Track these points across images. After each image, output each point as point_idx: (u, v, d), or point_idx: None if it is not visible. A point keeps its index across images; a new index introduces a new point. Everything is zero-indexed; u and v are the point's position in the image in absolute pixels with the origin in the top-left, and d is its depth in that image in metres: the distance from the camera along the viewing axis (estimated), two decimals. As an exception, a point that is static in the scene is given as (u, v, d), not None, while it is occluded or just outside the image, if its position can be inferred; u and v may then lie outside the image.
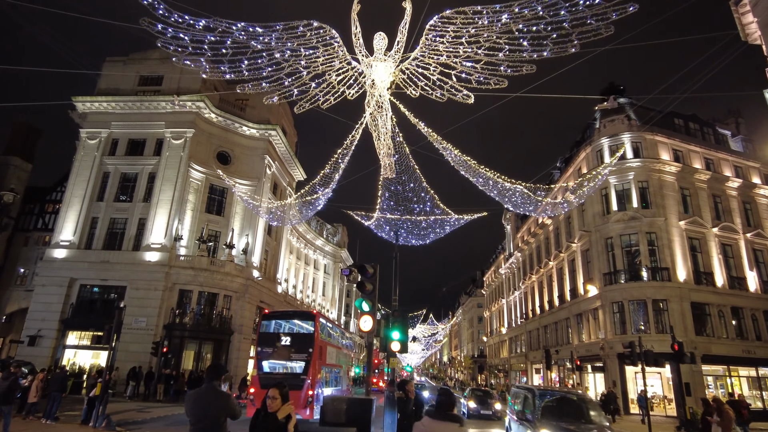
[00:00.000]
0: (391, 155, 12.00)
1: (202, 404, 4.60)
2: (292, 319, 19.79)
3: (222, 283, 32.83)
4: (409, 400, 7.96)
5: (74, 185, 33.95)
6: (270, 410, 4.12)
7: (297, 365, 16.73)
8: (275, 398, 4.14)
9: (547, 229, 44.31)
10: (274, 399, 4.14)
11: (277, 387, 4.27)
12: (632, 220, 31.17)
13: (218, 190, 36.00)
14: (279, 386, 4.28)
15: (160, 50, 37.96)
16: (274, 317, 19.24)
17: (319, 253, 62.40)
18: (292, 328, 18.50)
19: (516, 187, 13.13)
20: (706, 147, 34.66)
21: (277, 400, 4.14)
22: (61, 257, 32.01)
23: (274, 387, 4.27)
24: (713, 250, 31.53)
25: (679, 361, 15.84)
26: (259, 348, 17.71)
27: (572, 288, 37.03)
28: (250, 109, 38.71)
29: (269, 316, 19.22)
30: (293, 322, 19.12)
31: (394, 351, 14.56)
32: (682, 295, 29.24)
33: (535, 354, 46.98)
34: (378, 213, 15.40)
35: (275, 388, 4.26)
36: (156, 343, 26.49)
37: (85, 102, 35.49)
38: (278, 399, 4.15)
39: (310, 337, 17.26)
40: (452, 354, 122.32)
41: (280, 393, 4.21)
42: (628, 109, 34.15)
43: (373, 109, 10.53)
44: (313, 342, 17.00)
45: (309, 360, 16.58)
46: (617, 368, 29.63)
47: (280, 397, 4.17)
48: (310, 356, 16.63)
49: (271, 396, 4.16)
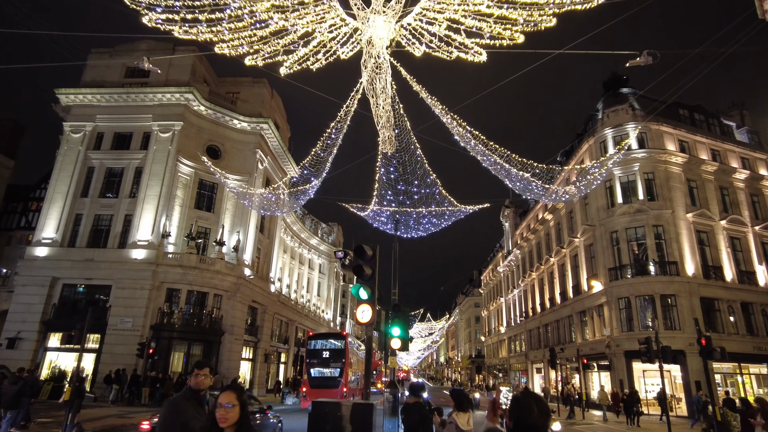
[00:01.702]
0: (391, 126, 10.78)
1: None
2: (329, 339, 26.51)
3: (212, 281, 31.46)
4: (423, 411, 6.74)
5: (57, 181, 32.52)
6: (221, 424, 2.83)
7: (334, 371, 23.55)
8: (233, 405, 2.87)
9: (547, 225, 43.20)
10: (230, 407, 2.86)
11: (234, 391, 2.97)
12: (638, 213, 30.07)
13: (208, 185, 34.66)
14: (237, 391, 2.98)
15: (148, 42, 36.74)
16: (317, 338, 26.88)
17: (313, 252, 61.03)
18: (330, 345, 25.12)
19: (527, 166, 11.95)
20: (712, 138, 33.67)
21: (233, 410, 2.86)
22: (43, 256, 30.56)
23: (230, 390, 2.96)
24: (722, 244, 30.50)
25: (708, 357, 14.66)
26: (308, 360, 25.11)
27: (575, 284, 35.90)
28: (242, 103, 37.42)
29: (313, 337, 27.31)
30: (330, 341, 25.72)
31: (394, 349, 13.34)
32: (691, 290, 28.16)
33: (536, 353, 45.86)
34: (376, 199, 14.20)
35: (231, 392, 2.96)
36: (142, 344, 25.08)
37: (68, 94, 34.07)
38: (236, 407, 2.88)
39: (342, 351, 24.26)
40: (449, 355, 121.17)
41: (239, 399, 2.94)
42: (632, 98, 33.12)
43: (371, 72, 9.34)
44: (344, 354, 24.03)
45: (342, 367, 23.45)
46: (624, 366, 28.54)
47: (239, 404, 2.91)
48: (342, 364, 23.53)
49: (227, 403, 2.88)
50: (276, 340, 42.66)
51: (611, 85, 35.47)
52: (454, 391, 5.95)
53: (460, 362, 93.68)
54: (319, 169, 12.91)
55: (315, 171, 13.03)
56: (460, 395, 5.71)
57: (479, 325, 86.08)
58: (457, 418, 5.41)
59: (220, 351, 31.22)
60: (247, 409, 2.95)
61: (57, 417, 19.20)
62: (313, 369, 24.23)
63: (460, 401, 5.57)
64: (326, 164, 12.62)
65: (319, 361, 24.46)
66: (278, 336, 43.84)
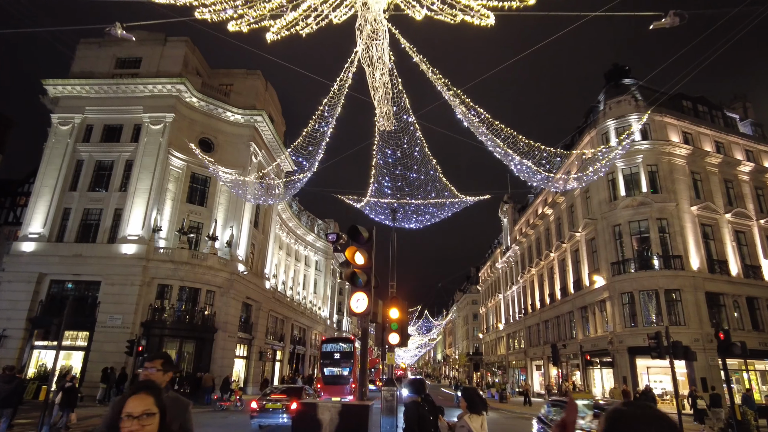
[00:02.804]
0: (389, 101, 9.95)
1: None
2: (339, 342, 29.82)
3: (204, 277, 30.61)
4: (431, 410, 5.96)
5: (45, 174, 31.59)
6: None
7: (344, 370, 26.71)
8: (150, 414, 2.05)
9: (547, 220, 42.48)
10: (147, 418, 2.05)
11: (150, 394, 2.11)
12: (642, 206, 29.35)
13: (200, 179, 33.77)
14: (154, 393, 2.14)
15: (138, 32, 35.75)
16: (329, 342, 30.09)
17: (310, 249, 60.19)
18: (340, 347, 28.28)
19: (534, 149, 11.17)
20: (716, 130, 32.99)
21: (150, 421, 2.05)
22: (30, 251, 29.64)
23: (145, 393, 2.10)
24: (726, 237, 29.83)
25: (726, 353, 13.92)
26: (322, 360, 28.52)
27: (576, 280, 35.19)
28: (235, 95, 36.53)
29: (326, 341, 30.48)
30: (340, 344, 29.01)
31: (392, 344, 12.55)
32: (696, 285, 27.49)
33: (535, 350, 45.20)
34: (374, 186, 13.38)
35: (146, 395, 2.09)
36: (131, 342, 24.19)
37: (56, 85, 33.10)
38: (155, 416, 2.07)
39: (351, 353, 27.46)
40: (446, 352, 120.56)
41: (158, 404, 2.10)
42: (634, 89, 32.40)
43: (366, 39, 8.53)
44: (353, 356, 27.26)
45: (351, 367, 26.46)
46: (627, 363, 27.84)
47: (158, 410, 2.09)
48: (351, 364, 26.62)
49: (142, 411, 2.04)
50: (271, 338, 41.84)
51: (613, 76, 34.77)
52: (467, 389, 5.16)
53: (457, 360, 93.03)
54: (312, 153, 12.06)
55: (308, 155, 12.18)
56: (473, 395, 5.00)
57: (477, 323, 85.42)
58: (470, 422, 4.61)
59: (213, 349, 30.41)
60: (166, 411, 2.13)
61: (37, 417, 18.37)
62: (326, 368, 27.66)
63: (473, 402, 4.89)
64: (320, 147, 11.77)
65: (331, 362, 27.73)
66: (273, 333, 43.03)
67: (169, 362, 3.35)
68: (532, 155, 11.84)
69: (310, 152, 11.99)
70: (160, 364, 3.24)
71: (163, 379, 3.18)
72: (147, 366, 3.21)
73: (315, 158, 12.38)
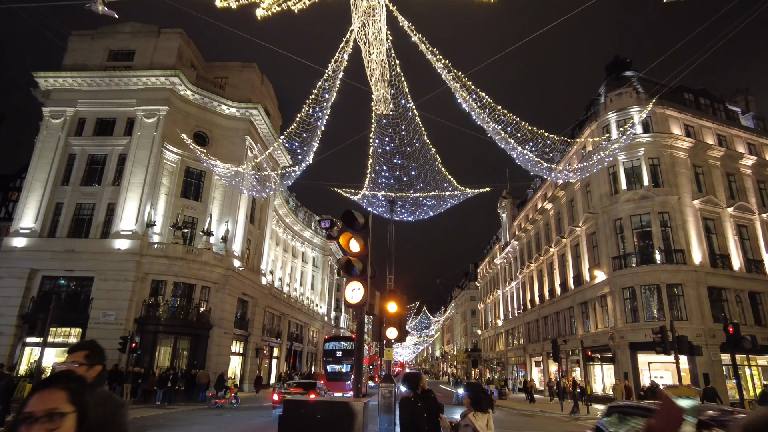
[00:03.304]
0: (387, 82, 9.44)
1: None
2: (341, 341, 31.75)
3: (199, 273, 30.12)
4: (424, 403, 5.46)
5: (36, 168, 31.06)
6: None
7: (346, 367, 28.25)
8: (60, 415, 1.56)
9: (547, 215, 42.05)
10: (54, 416, 1.54)
11: (63, 389, 1.62)
12: (643, 200, 28.92)
13: (195, 173, 33.23)
14: (68, 387, 1.65)
15: (132, 24, 35.16)
16: (332, 340, 32.58)
17: (307, 245, 59.71)
18: (342, 345, 30.03)
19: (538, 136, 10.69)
20: (718, 123, 32.54)
21: (61, 424, 1.55)
22: (21, 246, 29.12)
23: (55, 388, 1.60)
24: (729, 231, 29.44)
25: (736, 347, 13.49)
26: (325, 358, 30.33)
27: (576, 275, 34.78)
28: (230, 88, 35.98)
29: (329, 339, 33.42)
30: (341, 343, 30.83)
31: (390, 339, 12.11)
32: (699, 280, 27.09)
33: (535, 346, 44.82)
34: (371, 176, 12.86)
35: (57, 390, 1.57)
36: (124, 338, 23.75)
37: (48, 78, 32.51)
38: (66, 416, 1.58)
39: (352, 351, 27.71)
40: (445, 349, 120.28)
41: (74, 400, 1.61)
42: (635, 82, 31.93)
43: (363, 15, 8.05)
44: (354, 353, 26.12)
45: (352, 363, 26.30)
46: (629, 359, 27.45)
47: (74, 410, 1.60)
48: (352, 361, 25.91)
49: (48, 409, 1.55)
50: (268, 335, 41.39)
51: (614, 68, 34.27)
52: (472, 385, 4.70)
53: (456, 356, 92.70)
54: (307, 140, 11.52)
55: (302, 142, 11.66)
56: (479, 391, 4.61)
57: (475, 319, 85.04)
58: (475, 420, 4.15)
59: (209, 345, 29.97)
60: (97, 418, 1.66)
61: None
62: (329, 366, 29.47)
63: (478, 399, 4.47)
64: (315, 135, 11.22)
65: (333, 359, 29.50)
66: (270, 330, 42.58)
67: (96, 353, 2.71)
68: (534, 143, 11.38)
69: (305, 139, 11.47)
70: (83, 357, 2.62)
71: (88, 374, 2.60)
72: (68, 359, 2.66)
73: (311, 146, 11.86)
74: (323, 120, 10.88)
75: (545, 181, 44.28)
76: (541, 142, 11.11)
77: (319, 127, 11.61)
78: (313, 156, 14.85)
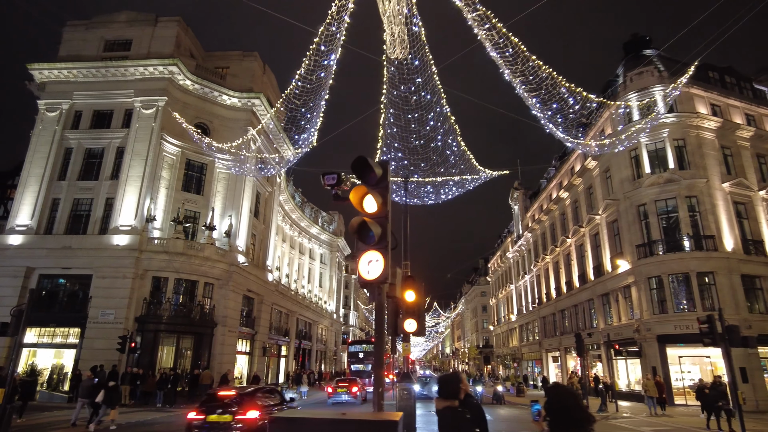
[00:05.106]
0: (401, 21, 7.98)
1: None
2: (362, 344, 37.58)
3: (201, 269, 28.80)
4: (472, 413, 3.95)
5: (32, 163, 29.92)
6: None
7: (367, 366, 33.37)
8: None
9: (562, 204, 40.38)
10: None
11: None
12: (669, 183, 27.22)
13: (196, 166, 31.93)
14: None
15: (128, 12, 33.82)
16: (355, 343, 39.53)
17: (314, 242, 58.36)
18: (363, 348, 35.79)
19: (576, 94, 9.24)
20: (746, 101, 30.72)
21: None
22: (17, 244, 27.97)
23: None
24: (762, 216, 27.70)
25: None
26: (349, 359, 37.45)
27: (596, 265, 33.12)
28: (231, 77, 34.61)
29: (352, 343, 41.01)
30: (363, 346, 36.55)
31: (408, 333, 10.65)
32: (731, 267, 25.39)
33: (551, 341, 43.23)
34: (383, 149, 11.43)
35: None
36: (123, 338, 22.50)
37: (42, 70, 31.32)
38: None
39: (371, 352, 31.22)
40: (455, 345, 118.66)
41: None
42: (656, 60, 30.20)
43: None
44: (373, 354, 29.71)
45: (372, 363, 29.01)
46: (657, 352, 25.81)
47: None
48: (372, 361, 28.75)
49: None
50: (275, 333, 40.09)
51: (633, 47, 32.53)
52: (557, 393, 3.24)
53: (467, 353, 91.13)
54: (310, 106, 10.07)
55: (302, 106, 10.19)
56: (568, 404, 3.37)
57: (486, 315, 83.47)
58: None
59: (213, 344, 28.70)
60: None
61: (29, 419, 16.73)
62: (353, 365, 34.76)
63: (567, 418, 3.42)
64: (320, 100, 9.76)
65: (356, 360, 35.34)
66: (277, 328, 41.27)
67: None
68: (567, 105, 9.89)
69: (306, 103, 9.98)
70: None
71: None
72: None
73: (315, 114, 10.37)
74: (330, 73, 9.36)
75: (560, 170, 42.60)
76: (580, 100, 9.65)
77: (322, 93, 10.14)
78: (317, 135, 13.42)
